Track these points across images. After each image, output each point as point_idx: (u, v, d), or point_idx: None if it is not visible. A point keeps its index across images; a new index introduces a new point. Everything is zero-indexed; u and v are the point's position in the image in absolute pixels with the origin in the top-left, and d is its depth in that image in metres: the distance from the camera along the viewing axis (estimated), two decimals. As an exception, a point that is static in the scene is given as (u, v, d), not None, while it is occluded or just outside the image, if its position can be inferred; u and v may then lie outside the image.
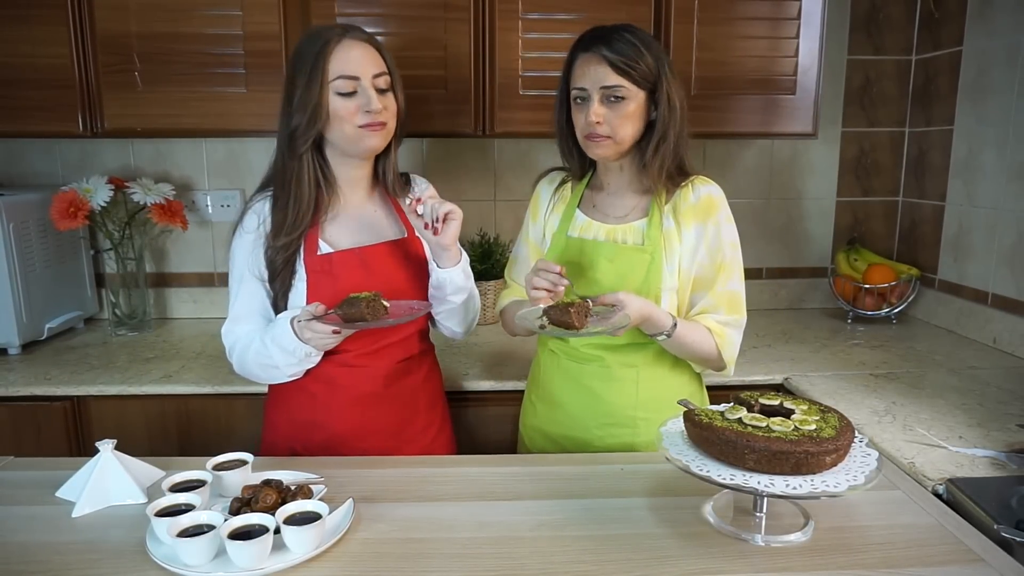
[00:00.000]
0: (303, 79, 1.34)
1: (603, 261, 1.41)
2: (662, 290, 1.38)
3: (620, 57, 1.32)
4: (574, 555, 1.01)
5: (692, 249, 1.40)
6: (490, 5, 1.92)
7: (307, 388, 1.43)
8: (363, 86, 1.35)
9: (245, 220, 1.43)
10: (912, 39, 2.40)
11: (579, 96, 1.37)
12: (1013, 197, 1.98)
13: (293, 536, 0.98)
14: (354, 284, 1.37)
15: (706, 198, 1.40)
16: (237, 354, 1.42)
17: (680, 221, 1.40)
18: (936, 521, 1.09)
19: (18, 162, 2.33)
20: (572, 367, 1.47)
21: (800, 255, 2.53)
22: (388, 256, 1.45)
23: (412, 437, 1.48)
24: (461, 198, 2.37)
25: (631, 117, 1.35)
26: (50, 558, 1.00)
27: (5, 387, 1.76)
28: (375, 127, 1.36)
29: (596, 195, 1.50)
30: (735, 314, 1.41)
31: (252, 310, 1.41)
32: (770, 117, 2.03)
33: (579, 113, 1.38)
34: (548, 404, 1.52)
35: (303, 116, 1.34)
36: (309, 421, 1.43)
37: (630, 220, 1.44)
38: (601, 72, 1.33)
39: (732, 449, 1.00)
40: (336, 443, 1.42)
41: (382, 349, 1.44)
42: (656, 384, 1.44)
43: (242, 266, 1.41)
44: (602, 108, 1.34)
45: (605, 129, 1.35)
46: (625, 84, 1.33)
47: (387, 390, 1.45)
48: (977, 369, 1.87)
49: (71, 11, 1.88)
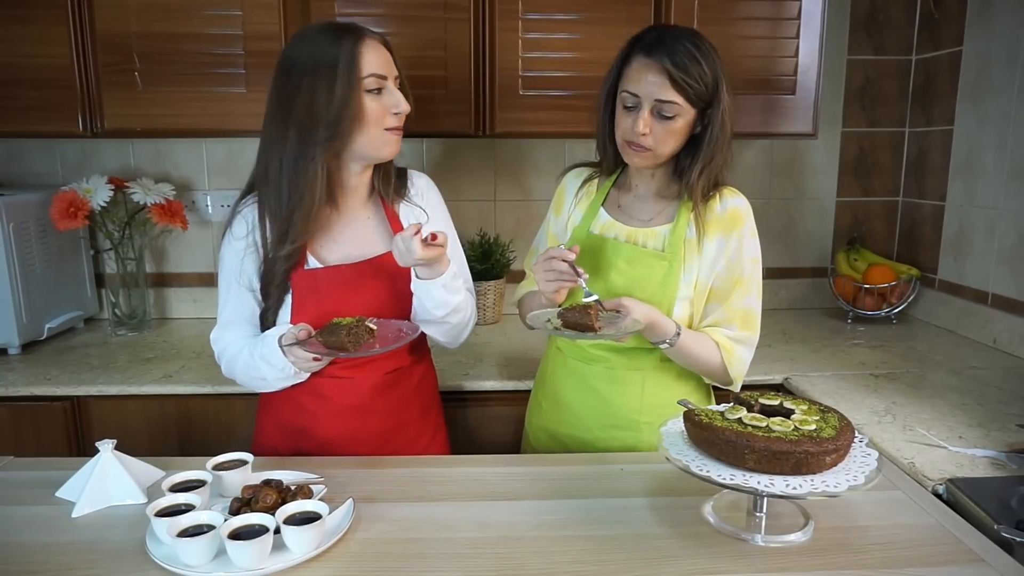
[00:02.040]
0: (326, 78, 1.26)
1: (621, 263, 1.39)
2: (676, 299, 1.36)
3: (681, 73, 1.25)
4: (574, 555, 1.01)
5: (712, 260, 1.37)
6: (490, 5, 1.92)
7: (295, 397, 1.41)
8: (388, 87, 1.32)
9: (234, 226, 1.39)
10: (912, 39, 2.40)
11: (629, 101, 1.30)
12: (1013, 197, 1.98)
13: (293, 536, 0.98)
14: (339, 301, 1.35)
15: (732, 210, 1.37)
16: (226, 361, 1.40)
17: (703, 231, 1.36)
18: (936, 521, 1.09)
19: (18, 162, 2.33)
20: (578, 367, 1.46)
21: (800, 255, 2.53)
22: (376, 272, 1.40)
23: (402, 446, 1.45)
24: (461, 198, 2.40)
25: (677, 133, 1.31)
26: (50, 558, 1.00)
27: (5, 387, 1.76)
28: (398, 131, 1.34)
29: (622, 196, 1.46)
30: (748, 331, 1.38)
31: (241, 318, 1.40)
32: (770, 117, 2.03)
33: (625, 117, 1.32)
34: (553, 403, 1.51)
35: (334, 118, 1.27)
36: (298, 428, 1.42)
37: (654, 225, 1.40)
38: (658, 84, 1.26)
39: (732, 449, 1.00)
40: (324, 451, 1.40)
41: (369, 362, 1.41)
42: (662, 389, 1.42)
43: (230, 274, 1.38)
44: (651, 120, 1.29)
45: (649, 141, 1.30)
46: (680, 101, 1.27)
47: (374, 401, 1.42)
48: (977, 369, 1.87)
49: (71, 11, 1.88)
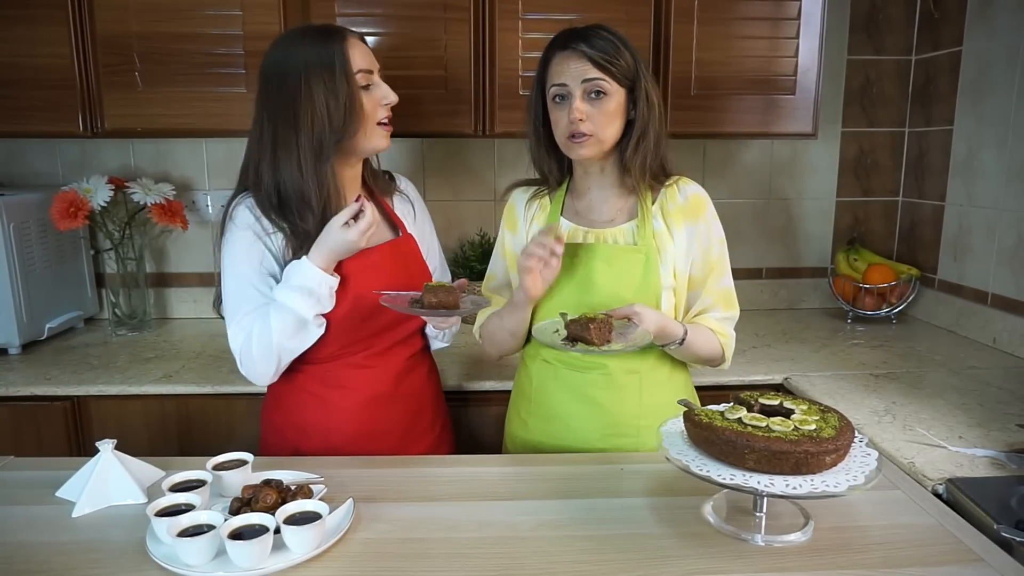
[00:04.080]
0: (324, 80, 1.28)
1: (599, 263, 1.38)
2: (662, 288, 1.37)
3: (600, 53, 1.30)
4: (574, 555, 1.01)
5: (685, 249, 1.39)
6: (490, 5, 1.92)
7: (312, 391, 1.41)
8: (376, 80, 1.35)
9: (236, 217, 1.35)
10: (912, 39, 2.40)
11: (559, 94, 1.33)
12: (1013, 197, 1.98)
13: (293, 536, 0.98)
14: (361, 286, 1.37)
15: (694, 198, 1.40)
16: (256, 339, 1.31)
17: (670, 222, 1.39)
18: (936, 521, 1.09)
19: (18, 162, 2.33)
20: (572, 377, 1.42)
21: (800, 255, 2.53)
22: (390, 255, 1.45)
23: (419, 435, 1.48)
24: (461, 198, 2.40)
25: (613, 115, 1.33)
26: (50, 558, 1.00)
27: (5, 387, 1.76)
28: (389, 125, 1.37)
29: (578, 202, 1.45)
30: (731, 309, 1.43)
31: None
32: (770, 117, 2.03)
33: (559, 112, 1.34)
34: (542, 418, 1.46)
35: (342, 119, 1.29)
36: (313, 424, 1.42)
37: (618, 223, 1.41)
38: (582, 67, 1.30)
39: (732, 449, 1.00)
40: (342, 446, 1.40)
41: (390, 348, 1.44)
42: (658, 389, 1.42)
43: (242, 265, 1.33)
44: (584, 104, 1.31)
45: (588, 127, 1.31)
46: (606, 79, 1.31)
47: (398, 388, 1.45)
48: (977, 369, 1.87)
49: (71, 11, 1.88)
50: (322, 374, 1.41)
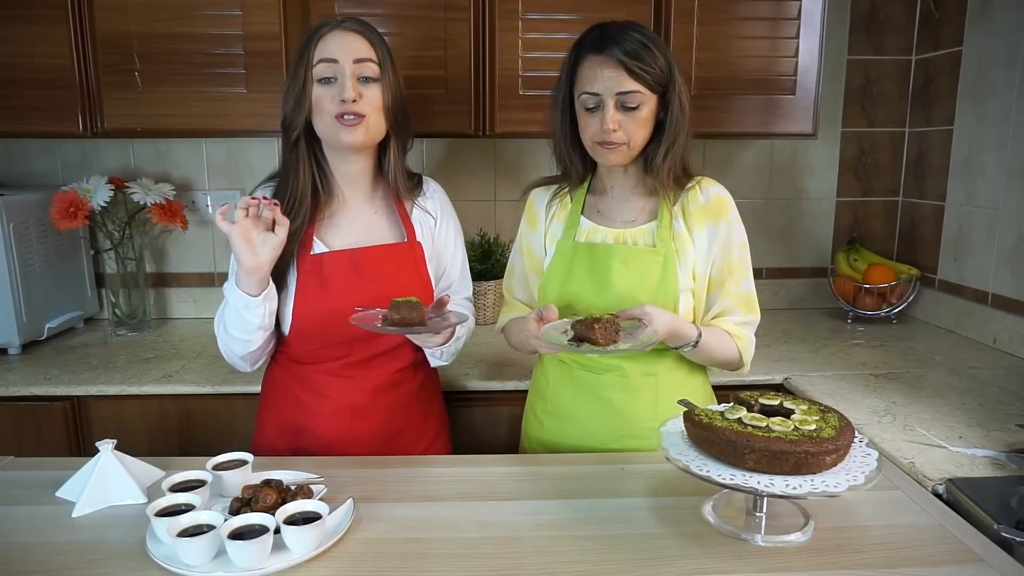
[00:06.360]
0: (293, 66, 1.35)
1: (616, 264, 1.36)
2: (680, 291, 1.35)
3: (635, 61, 1.26)
4: (574, 555, 1.01)
5: (706, 250, 1.37)
6: (490, 5, 1.92)
7: (296, 394, 1.42)
8: (342, 73, 1.31)
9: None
10: (912, 39, 2.40)
11: (591, 103, 1.30)
12: (1013, 197, 1.98)
13: (293, 536, 0.98)
14: (344, 287, 1.35)
15: (716, 199, 1.38)
16: (219, 333, 1.37)
17: (690, 223, 1.37)
18: (936, 521, 1.09)
19: (18, 162, 2.33)
20: (587, 378, 1.42)
21: (800, 255, 2.53)
22: (383, 260, 1.40)
23: (401, 447, 1.44)
24: (461, 198, 2.38)
25: (645, 122, 1.31)
26: (50, 558, 1.00)
27: (5, 387, 1.76)
28: (350, 120, 1.31)
29: (599, 200, 1.44)
30: (751, 314, 1.41)
31: None
32: (770, 117, 2.03)
33: (590, 119, 1.31)
34: (558, 418, 1.46)
35: (290, 103, 1.34)
36: (298, 427, 1.42)
37: (639, 224, 1.40)
38: (616, 77, 1.26)
39: (732, 449, 1.00)
40: (324, 451, 1.40)
41: (371, 360, 1.41)
42: (675, 391, 1.38)
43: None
44: (618, 114, 1.28)
45: (621, 136, 1.29)
46: (641, 89, 1.27)
47: (374, 402, 1.42)
48: (977, 369, 1.87)
49: (71, 11, 1.87)
50: (303, 376, 1.41)
